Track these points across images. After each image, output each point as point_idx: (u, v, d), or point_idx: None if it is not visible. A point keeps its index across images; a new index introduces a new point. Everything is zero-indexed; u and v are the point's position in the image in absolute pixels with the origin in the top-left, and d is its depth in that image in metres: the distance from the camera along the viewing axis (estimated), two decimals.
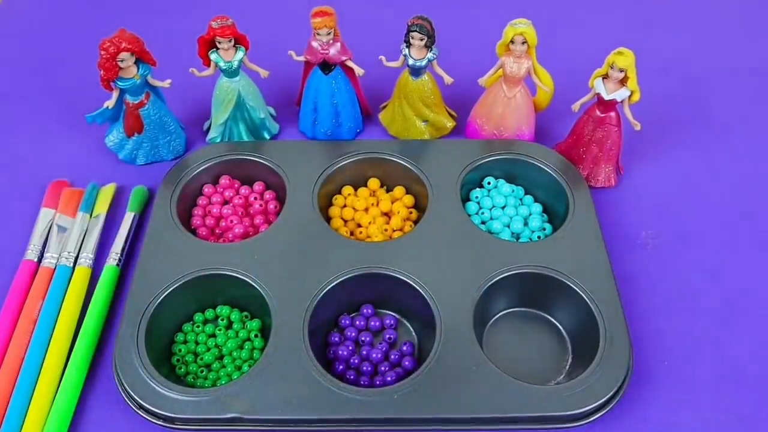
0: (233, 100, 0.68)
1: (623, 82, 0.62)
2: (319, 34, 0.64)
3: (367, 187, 0.68)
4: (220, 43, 0.64)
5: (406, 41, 0.65)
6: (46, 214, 0.65)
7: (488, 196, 0.67)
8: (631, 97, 0.63)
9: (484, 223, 0.65)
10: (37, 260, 0.62)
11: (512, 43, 0.64)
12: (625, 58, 0.60)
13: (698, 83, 0.81)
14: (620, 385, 0.52)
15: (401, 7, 0.82)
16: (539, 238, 0.64)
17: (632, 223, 0.67)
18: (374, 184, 0.68)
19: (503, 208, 0.66)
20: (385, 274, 0.58)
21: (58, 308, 0.58)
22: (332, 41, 0.66)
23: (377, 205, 0.67)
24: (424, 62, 0.66)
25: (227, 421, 0.51)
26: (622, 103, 0.63)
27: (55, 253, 0.62)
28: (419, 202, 0.67)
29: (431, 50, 0.65)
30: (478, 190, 0.68)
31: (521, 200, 0.67)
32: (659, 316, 0.60)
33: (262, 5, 0.91)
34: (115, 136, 0.70)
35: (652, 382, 0.56)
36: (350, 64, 0.68)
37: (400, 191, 0.68)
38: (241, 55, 0.66)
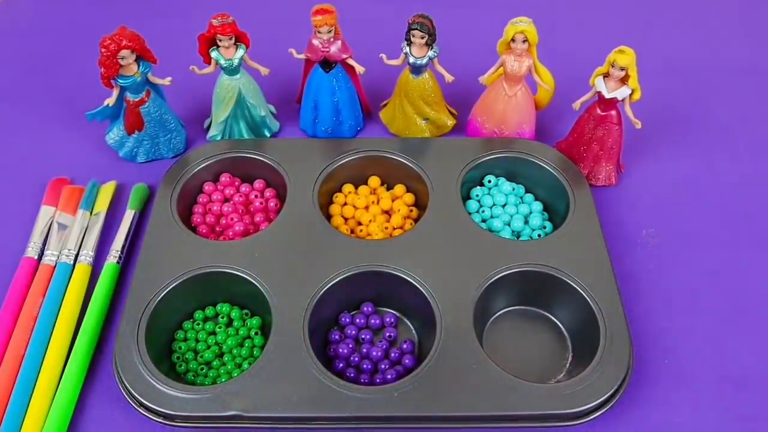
0: (234, 97, 0.68)
1: (624, 80, 0.62)
2: (319, 32, 0.64)
3: (367, 185, 0.68)
4: (220, 40, 0.64)
5: (406, 39, 0.65)
6: (46, 211, 0.65)
7: (489, 194, 0.67)
8: (632, 95, 0.63)
9: (484, 221, 0.65)
10: (37, 258, 0.62)
11: (513, 41, 0.64)
12: (626, 56, 0.60)
13: (699, 82, 0.81)
14: (620, 383, 0.52)
15: (402, 5, 0.82)
16: (540, 236, 0.64)
17: (633, 221, 0.67)
18: (375, 182, 0.68)
19: (504, 206, 0.66)
20: (385, 272, 0.58)
21: (58, 306, 0.58)
22: (333, 39, 0.66)
23: (378, 203, 0.67)
24: (424, 60, 0.66)
25: (227, 418, 0.51)
26: (622, 101, 0.63)
27: (55, 250, 0.62)
28: (420, 200, 0.67)
29: (432, 48, 0.65)
30: (478, 188, 0.68)
31: (522, 198, 0.67)
32: (659, 314, 0.60)
33: (262, 3, 0.91)
34: (115, 133, 0.70)
35: (652, 380, 0.56)
36: (351, 62, 0.68)
37: (400, 189, 0.68)
38: (241, 52, 0.66)
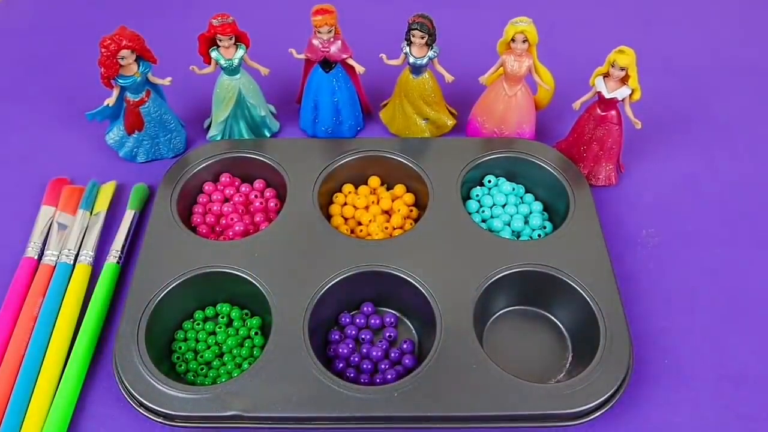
0: (234, 97, 0.68)
1: (624, 80, 0.62)
2: (319, 32, 0.64)
3: (367, 185, 0.68)
4: (220, 40, 0.64)
5: (406, 39, 0.65)
6: (46, 211, 0.65)
7: (489, 194, 0.67)
8: (631, 95, 0.63)
9: (484, 221, 0.65)
10: (37, 258, 0.62)
11: (513, 41, 0.64)
12: (626, 56, 0.60)
13: (699, 82, 0.81)
14: (620, 383, 0.52)
15: (402, 5, 0.82)
16: (540, 236, 0.64)
17: (633, 221, 0.67)
18: (375, 182, 0.68)
19: (504, 206, 0.66)
20: (385, 272, 0.58)
21: (58, 306, 0.58)
22: (333, 39, 0.66)
23: (378, 203, 0.66)
24: (424, 60, 0.66)
25: (227, 418, 0.51)
26: (622, 101, 0.63)
27: (55, 250, 0.62)
28: (420, 200, 0.67)
29: (432, 48, 0.65)
30: (478, 188, 0.68)
31: (522, 198, 0.67)
32: (659, 314, 0.60)
33: (262, 3, 0.91)
34: (115, 133, 0.70)
35: (652, 380, 0.56)
36: (351, 62, 0.68)
37: (400, 189, 0.68)
38: (241, 52, 0.66)
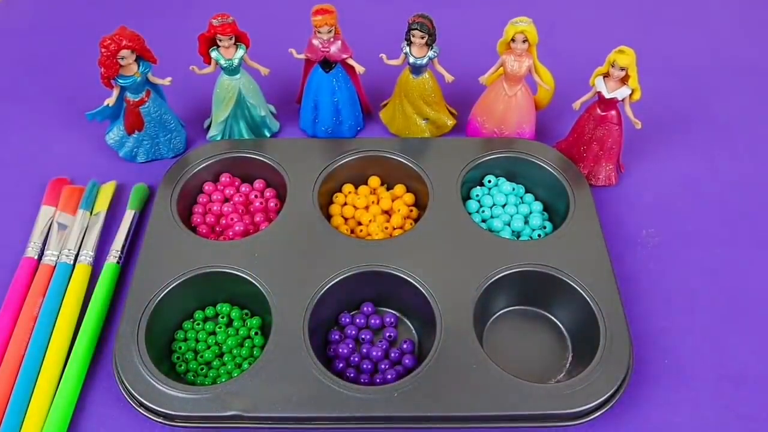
0: (234, 97, 0.68)
1: (624, 80, 0.62)
2: (319, 32, 0.64)
3: (367, 185, 0.68)
4: (220, 40, 0.64)
5: (406, 39, 0.65)
6: (46, 211, 0.65)
7: (489, 194, 0.67)
8: (631, 95, 0.63)
9: (484, 221, 0.65)
10: (37, 258, 0.62)
11: (513, 41, 0.63)
12: (626, 56, 0.60)
13: (699, 82, 0.81)
14: (620, 383, 0.52)
15: (402, 5, 0.82)
16: (540, 236, 0.64)
17: (633, 221, 0.67)
18: (375, 182, 0.68)
19: (504, 206, 0.66)
20: (385, 272, 0.58)
21: (58, 306, 0.58)
22: (333, 39, 0.66)
23: (378, 203, 0.66)
24: (424, 60, 0.66)
25: (227, 418, 0.51)
26: (622, 101, 0.63)
27: (55, 250, 0.62)
28: (420, 200, 0.67)
29: (432, 48, 0.65)
30: (478, 188, 0.68)
31: (522, 198, 0.67)
32: (659, 314, 0.60)
33: (262, 3, 0.91)
34: (115, 133, 0.70)
35: (652, 380, 0.56)
36: (351, 62, 0.68)
37: (400, 189, 0.68)
38: (241, 52, 0.66)
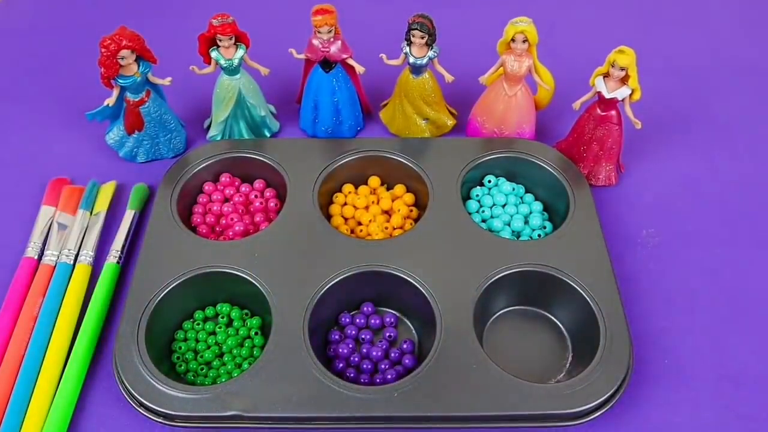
0: (234, 97, 0.68)
1: (624, 80, 0.62)
2: (319, 32, 0.64)
3: (367, 185, 0.68)
4: (220, 40, 0.64)
5: (406, 39, 0.65)
6: (46, 211, 0.65)
7: (489, 194, 0.67)
8: (631, 95, 0.63)
9: (484, 221, 0.65)
10: (37, 258, 0.62)
11: (513, 41, 0.63)
12: (626, 56, 0.60)
13: (699, 82, 0.81)
14: (620, 383, 0.52)
15: (402, 5, 0.82)
16: (540, 236, 0.64)
17: (633, 221, 0.67)
18: (375, 182, 0.68)
19: (504, 206, 0.66)
20: (385, 272, 0.58)
21: (58, 306, 0.58)
22: (333, 39, 0.66)
23: (378, 203, 0.66)
24: (424, 60, 0.66)
25: (227, 418, 0.51)
26: (622, 101, 0.63)
27: (55, 250, 0.62)
28: (420, 200, 0.67)
29: (432, 48, 0.65)
30: (478, 188, 0.68)
31: (522, 198, 0.67)
32: (659, 314, 0.60)
33: (262, 3, 0.91)
34: (115, 133, 0.70)
35: (652, 380, 0.56)
36: (351, 62, 0.68)
37: (400, 189, 0.68)
38: (241, 52, 0.66)
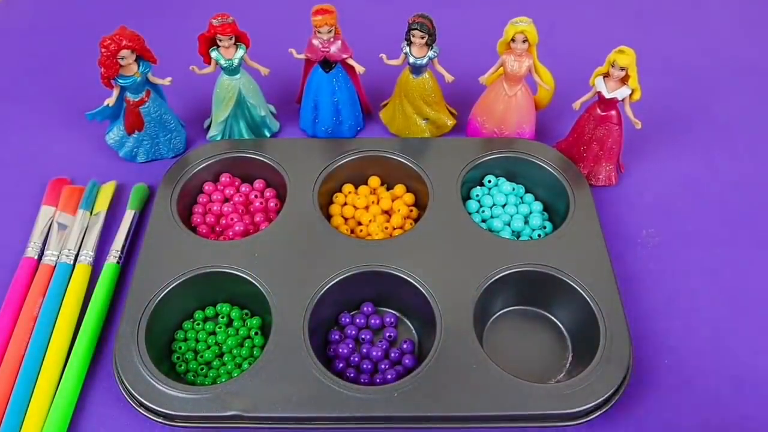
0: (234, 97, 0.68)
1: (624, 80, 0.62)
2: (319, 32, 0.64)
3: (367, 185, 0.68)
4: (220, 40, 0.64)
5: (406, 39, 0.65)
6: (46, 211, 0.65)
7: (489, 194, 0.67)
8: (632, 95, 0.63)
9: (484, 221, 0.65)
10: (37, 258, 0.62)
11: (513, 41, 0.63)
12: (626, 56, 0.60)
13: (699, 82, 0.81)
14: (620, 383, 0.52)
15: (402, 5, 0.82)
16: (540, 236, 0.64)
17: (633, 221, 0.67)
18: (375, 182, 0.68)
19: (504, 206, 0.66)
20: (385, 272, 0.58)
21: (58, 306, 0.58)
22: (333, 39, 0.66)
23: (378, 203, 0.66)
24: (424, 60, 0.66)
25: (227, 418, 0.51)
26: (623, 101, 0.63)
27: (55, 250, 0.62)
28: (420, 200, 0.67)
29: (432, 48, 0.65)
30: (478, 188, 0.68)
31: (522, 198, 0.67)
32: (660, 314, 0.60)
33: (262, 3, 0.91)
34: (115, 133, 0.70)
35: (652, 380, 0.56)
36: (351, 62, 0.68)
37: (400, 189, 0.68)
38: (241, 52, 0.66)
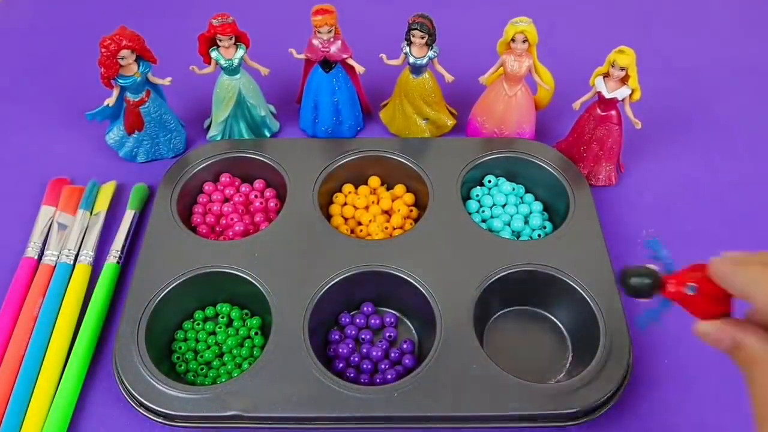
0: (234, 97, 0.68)
1: (624, 80, 0.62)
2: (319, 32, 0.64)
3: (367, 185, 0.68)
4: (220, 40, 0.64)
5: (406, 39, 0.65)
6: (46, 211, 0.65)
7: (489, 194, 0.67)
8: (631, 95, 0.63)
9: (484, 221, 0.65)
10: (37, 258, 0.62)
11: (513, 41, 0.64)
12: (626, 56, 0.60)
13: (699, 82, 0.81)
14: (620, 383, 0.52)
15: (402, 5, 0.82)
16: (540, 236, 0.64)
17: (633, 221, 0.66)
18: (375, 182, 0.68)
19: (504, 206, 0.66)
20: (385, 272, 0.58)
21: (58, 306, 0.58)
22: (333, 39, 0.66)
23: (378, 203, 0.66)
24: (424, 60, 0.66)
25: (227, 418, 0.51)
26: (622, 101, 0.63)
27: (55, 250, 0.62)
28: (420, 200, 0.67)
29: (432, 48, 0.65)
30: (478, 188, 0.68)
31: (522, 198, 0.67)
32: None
33: (262, 3, 0.91)
34: (115, 133, 0.70)
35: (652, 380, 0.56)
36: (351, 62, 0.68)
37: (400, 189, 0.68)
38: (241, 52, 0.66)
